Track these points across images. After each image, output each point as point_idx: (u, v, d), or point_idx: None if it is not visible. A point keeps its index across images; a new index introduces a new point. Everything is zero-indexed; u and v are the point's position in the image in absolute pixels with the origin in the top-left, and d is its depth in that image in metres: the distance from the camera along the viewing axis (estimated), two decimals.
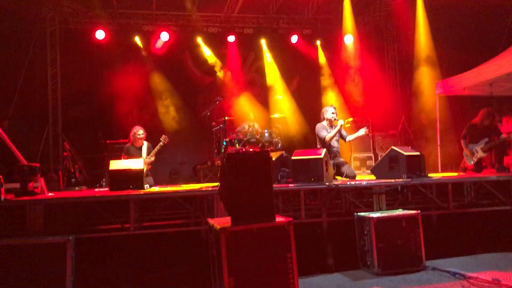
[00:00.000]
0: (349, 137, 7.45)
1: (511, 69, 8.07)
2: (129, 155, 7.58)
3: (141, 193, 5.57)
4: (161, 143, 7.64)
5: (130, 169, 6.31)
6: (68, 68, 11.24)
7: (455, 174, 7.55)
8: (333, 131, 7.19)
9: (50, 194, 5.93)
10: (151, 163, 7.63)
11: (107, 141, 9.94)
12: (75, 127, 11.28)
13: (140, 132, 7.69)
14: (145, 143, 7.76)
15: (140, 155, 7.58)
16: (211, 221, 4.15)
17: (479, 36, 10.55)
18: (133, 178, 6.27)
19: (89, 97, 11.62)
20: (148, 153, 7.65)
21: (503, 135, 7.30)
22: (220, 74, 12.53)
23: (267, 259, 3.74)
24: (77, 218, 5.56)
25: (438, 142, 9.93)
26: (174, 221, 6.15)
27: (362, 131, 7.20)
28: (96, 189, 8.00)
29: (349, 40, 12.61)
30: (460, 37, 10.83)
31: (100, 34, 11.44)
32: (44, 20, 11.08)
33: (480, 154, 7.38)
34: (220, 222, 3.99)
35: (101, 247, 5.32)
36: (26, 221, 4.84)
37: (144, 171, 7.47)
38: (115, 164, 6.38)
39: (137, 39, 11.91)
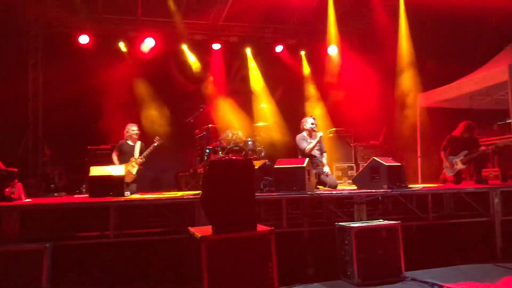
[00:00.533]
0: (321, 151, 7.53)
1: (489, 83, 8.26)
2: (122, 151, 7.52)
3: (122, 200, 5.51)
4: (154, 144, 7.60)
5: (111, 176, 6.24)
6: (50, 72, 11.06)
7: (435, 185, 7.64)
8: (313, 142, 7.26)
9: (27, 200, 5.82)
10: (142, 164, 7.58)
11: (88, 147, 9.81)
12: (56, 132, 11.10)
13: (133, 128, 7.68)
14: (139, 143, 7.72)
15: (132, 153, 7.52)
16: (192, 229, 4.12)
17: (459, 49, 10.76)
18: (113, 184, 6.20)
19: (71, 102, 11.43)
20: (141, 154, 7.59)
21: (482, 148, 7.43)
22: (204, 81, 12.51)
23: (248, 268, 3.72)
24: (55, 225, 5.45)
25: (419, 153, 10.07)
26: (155, 229, 6.09)
27: (317, 136, 7.28)
28: (76, 196, 7.88)
29: (333, 50, 12.75)
30: (442, 49, 11.02)
31: (83, 39, 11.34)
32: (28, 23, 10.93)
33: (460, 166, 7.49)
34: (201, 230, 3.96)
35: (79, 255, 5.22)
36: (2, 228, 4.73)
37: (134, 172, 7.43)
38: (96, 170, 6.30)
39: (122, 45, 11.83)
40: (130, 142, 7.68)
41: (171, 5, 11.02)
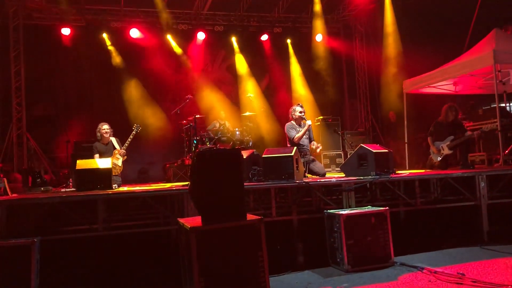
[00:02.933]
0: (309, 139, 7.53)
1: (474, 68, 8.33)
2: (99, 152, 7.43)
3: (110, 192, 5.46)
4: (134, 132, 7.53)
5: (98, 168, 6.17)
6: (33, 65, 10.89)
7: (422, 171, 7.71)
8: (302, 131, 7.27)
9: (13, 195, 5.74)
10: (126, 154, 7.53)
11: (73, 140, 9.69)
12: (40, 125, 10.95)
13: (104, 127, 7.54)
14: (113, 138, 7.62)
15: (108, 152, 7.44)
16: (181, 220, 4.10)
17: (444, 37, 10.82)
18: (101, 177, 6.13)
19: (54, 95, 11.32)
20: (122, 145, 7.53)
21: (468, 133, 7.50)
22: (190, 71, 12.42)
23: (238, 258, 3.72)
24: (42, 220, 5.39)
25: (406, 140, 10.14)
26: (144, 221, 6.05)
27: (306, 124, 7.29)
28: (63, 190, 7.79)
29: (319, 38, 12.74)
30: (427, 36, 11.08)
31: (65, 31, 11.18)
32: (7, 15, 10.70)
33: (446, 151, 7.56)
34: (191, 221, 3.95)
35: (67, 249, 5.18)
36: None
37: (120, 164, 7.37)
38: (82, 164, 6.22)
39: (105, 36, 11.67)
40: (102, 143, 7.56)
41: None
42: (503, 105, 9.99)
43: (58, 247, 5.05)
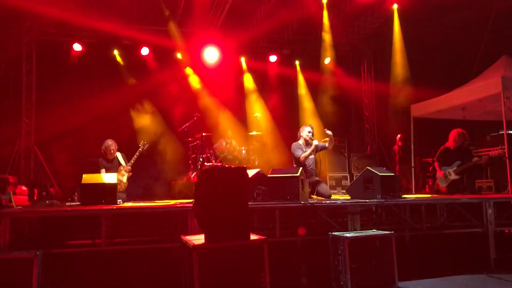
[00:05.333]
0: (327, 144, 7.47)
1: (482, 94, 8.32)
2: (105, 168, 7.45)
3: (114, 208, 5.45)
4: (140, 149, 7.54)
5: (103, 184, 6.17)
6: (44, 80, 11.06)
7: (429, 196, 7.65)
8: (308, 151, 7.25)
9: (18, 207, 5.75)
10: (132, 170, 7.53)
11: (81, 155, 9.73)
12: (48, 139, 11.03)
13: (111, 148, 7.52)
14: (118, 154, 7.64)
15: (114, 168, 7.45)
16: (184, 238, 4.08)
17: (453, 62, 10.87)
18: (106, 192, 6.12)
19: (64, 110, 11.41)
20: (128, 161, 7.54)
21: (475, 159, 7.46)
22: (198, 90, 12.51)
23: (241, 277, 3.68)
24: (45, 233, 5.39)
25: (413, 164, 10.10)
26: (147, 237, 6.02)
27: (313, 145, 7.25)
28: (68, 203, 7.80)
29: (327, 61, 12.83)
30: (435, 62, 11.13)
31: (77, 46, 11.36)
32: (21, 30, 10.90)
33: (453, 176, 7.51)
34: (194, 239, 3.93)
35: (70, 263, 5.16)
36: None
37: (125, 180, 7.37)
38: (88, 178, 6.24)
39: (116, 53, 11.83)
40: (107, 159, 7.56)
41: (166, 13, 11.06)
42: (511, 132, 9.95)
43: (60, 261, 5.03)
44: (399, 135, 11.26)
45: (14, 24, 10.75)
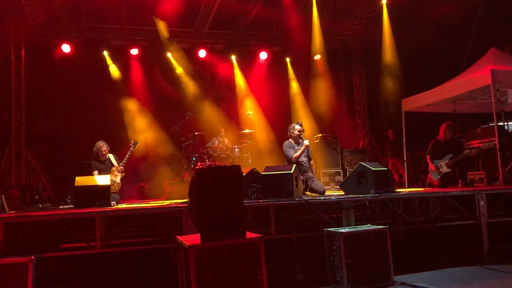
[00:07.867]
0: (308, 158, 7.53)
1: (472, 87, 8.38)
2: (98, 170, 7.41)
3: (108, 210, 5.43)
4: (131, 148, 7.51)
5: (97, 185, 6.15)
6: (33, 82, 10.94)
7: (421, 189, 7.70)
8: (299, 150, 7.24)
9: (11, 211, 5.71)
10: (124, 171, 7.50)
11: (72, 157, 9.67)
12: (39, 142, 10.94)
13: (103, 149, 7.47)
14: (111, 155, 7.60)
15: (106, 169, 7.41)
16: (180, 238, 4.07)
17: (443, 55, 10.93)
18: (99, 194, 6.11)
19: (54, 112, 11.32)
20: (120, 161, 7.51)
21: (466, 151, 7.52)
22: (190, 89, 12.47)
23: (237, 276, 3.69)
24: (39, 237, 5.35)
25: (405, 158, 10.15)
26: (142, 238, 6.01)
27: (304, 144, 7.30)
28: (61, 207, 7.76)
29: (317, 57, 12.84)
30: (425, 55, 11.19)
31: (66, 48, 11.27)
32: (8, 32, 10.78)
33: (445, 169, 7.57)
34: (190, 239, 3.92)
35: (65, 266, 5.13)
36: None
37: (118, 181, 7.34)
38: (81, 180, 6.21)
39: (105, 54, 11.76)
40: (99, 161, 7.51)
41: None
42: (501, 123, 10.03)
43: (55, 264, 5.00)
44: (390, 130, 11.31)
45: (1, 26, 10.62)
